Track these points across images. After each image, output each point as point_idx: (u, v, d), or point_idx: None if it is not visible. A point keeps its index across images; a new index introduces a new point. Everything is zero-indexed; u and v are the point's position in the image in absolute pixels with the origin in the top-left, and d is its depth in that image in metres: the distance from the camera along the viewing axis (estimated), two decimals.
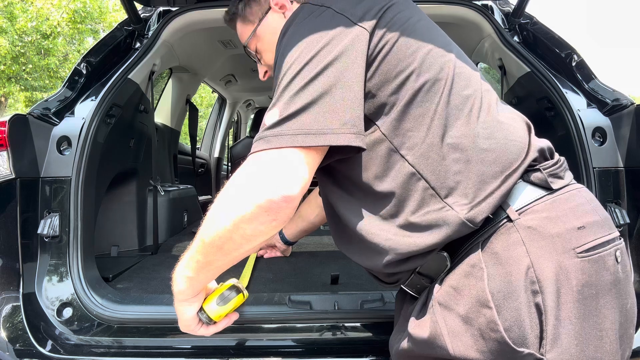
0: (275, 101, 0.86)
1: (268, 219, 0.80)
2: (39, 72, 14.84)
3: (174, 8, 2.21)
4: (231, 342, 1.47)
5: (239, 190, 0.82)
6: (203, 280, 1.00)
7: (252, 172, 0.82)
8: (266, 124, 0.84)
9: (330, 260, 2.21)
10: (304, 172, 0.81)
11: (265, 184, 0.79)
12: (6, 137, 1.55)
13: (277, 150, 0.80)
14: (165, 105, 3.38)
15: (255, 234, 0.83)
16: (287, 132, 0.80)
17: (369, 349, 1.44)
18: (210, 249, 0.88)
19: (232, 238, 0.84)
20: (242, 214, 0.80)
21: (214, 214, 0.86)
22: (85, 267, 1.63)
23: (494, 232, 0.86)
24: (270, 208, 0.79)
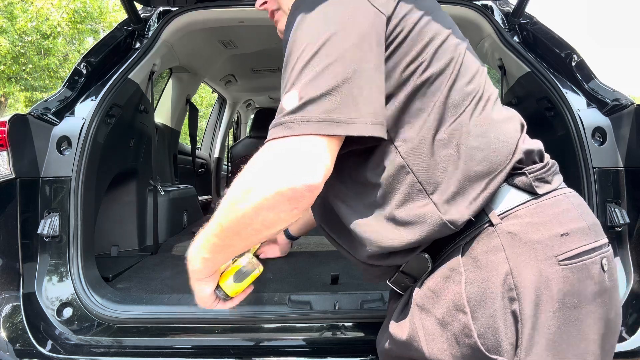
0: (292, 81, 0.80)
1: (290, 207, 0.78)
2: (39, 72, 14.84)
3: (174, 8, 2.21)
4: (231, 342, 1.47)
5: (259, 178, 0.78)
6: (219, 262, 0.98)
7: (273, 160, 0.78)
8: (285, 107, 0.79)
9: (330, 260, 2.21)
10: (327, 160, 0.78)
11: (288, 173, 0.76)
12: (6, 137, 1.55)
13: (299, 137, 0.76)
14: (165, 105, 3.38)
15: (276, 221, 0.81)
16: (311, 118, 0.76)
17: (369, 349, 1.44)
18: (228, 233, 0.85)
19: (252, 224, 0.81)
20: (264, 202, 0.77)
21: (233, 199, 0.82)
22: (85, 267, 1.63)
23: (475, 236, 0.85)
24: (293, 197, 0.76)
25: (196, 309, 1.54)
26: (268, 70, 4.18)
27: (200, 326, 1.51)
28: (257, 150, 0.83)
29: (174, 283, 1.89)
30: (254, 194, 0.78)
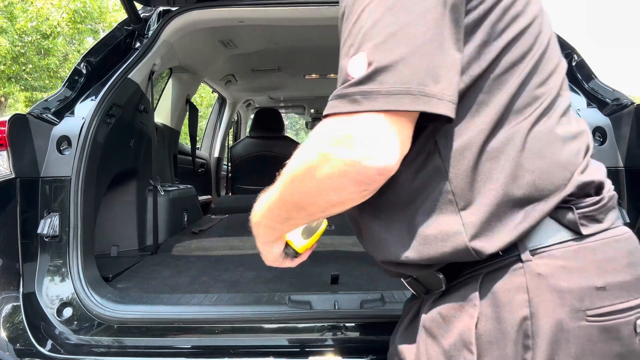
0: (359, 41, 0.68)
1: (359, 189, 0.69)
2: (39, 72, 14.83)
3: (174, 8, 2.21)
4: (231, 342, 1.47)
5: (324, 159, 0.68)
6: (285, 230, 0.93)
7: (338, 139, 0.66)
8: (351, 75, 0.67)
9: (330, 260, 2.21)
10: (404, 138, 0.67)
11: (357, 155, 0.65)
12: (6, 137, 1.55)
13: (369, 114, 0.65)
14: (165, 105, 3.38)
15: (343, 201, 0.73)
16: (381, 90, 0.64)
17: (369, 349, 1.44)
18: (292, 207, 0.78)
19: (317, 203, 0.74)
20: (329, 184, 0.69)
21: (294, 176, 0.73)
22: (85, 266, 1.63)
23: (498, 268, 0.74)
24: (363, 181, 0.68)
25: (196, 309, 1.54)
26: (268, 70, 4.18)
27: (200, 326, 1.51)
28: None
29: (174, 283, 1.89)
30: (317, 175, 0.69)
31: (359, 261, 2.19)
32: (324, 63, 4.13)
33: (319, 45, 3.44)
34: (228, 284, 1.86)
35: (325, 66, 4.25)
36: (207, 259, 2.27)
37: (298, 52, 3.70)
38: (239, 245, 2.47)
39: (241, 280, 1.92)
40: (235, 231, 2.75)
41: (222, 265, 2.15)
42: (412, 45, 0.65)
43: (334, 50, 3.10)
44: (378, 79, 0.65)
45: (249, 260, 2.23)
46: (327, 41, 3.30)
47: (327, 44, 3.42)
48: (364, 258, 2.25)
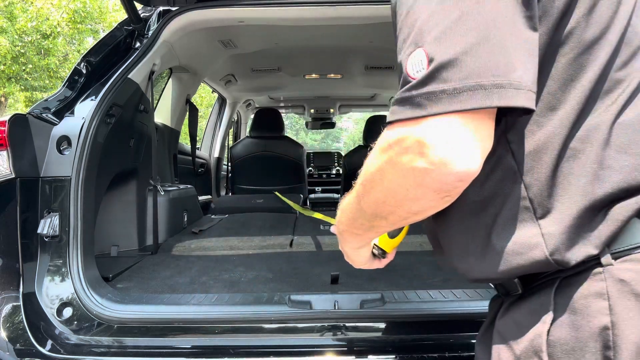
0: (415, 36, 0.61)
1: (439, 196, 0.64)
2: (39, 72, 14.83)
3: (174, 8, 2.21)
4: (231, 342, 1.47)
5: (395, 169, 0.63)
6: (372, 237, 0.88)
7: (408, 147, 0.60)
8: (411, 75, 0.60)
9: (330, 260, 2.21)
10: (483, 137, 0.60)
11: (431, 163, 0.59)
12: (6, 137, 1.55)
13: (438, 117, 0.58)
14: (165, 105, 3.38)
15: (425, 210, 0.68)
16: (450, 89, 0.57)
17: (369, 349, 1.44)
18: (373, 217, 0.74)
19: (396, 213, 0.69)
20: (405, 195, 0.64)
21: (367, 188, 0.70)
22: (85, 266, 1.63)
23: (576, 273, 0.67)
24: (441, 189, 0.62)
25: (196, 309, 1.54)
26: (268, 70, 4.18)
27: (200, 326, 1.51)
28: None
29: (174, 283, 1.89)
30: (393, 186, 0.65)
31: None
32: (324, 63, 4.13)
33: (319, 45, 3.44)
34: (228, 284, 1.86)
35: (325, 66, 4.25)
36: (207, 259, 2.27)
37: (298, 52, 3.70)
38: (239, 245, 2.47)
39: (241, 280, 1.92)
40: (235, 231, 2.75)
41: (222, 265, 2.15)
42: (478, 32, 0.57)
43: (334, 50, 3.11)
44: (442, 76, 0.57)
45: (249, 260, 2.23)
46: (327, 41, 3.31)
47: (327, 44, 3.42)
48: None
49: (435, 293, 1.63)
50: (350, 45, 3.45)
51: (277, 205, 3.77)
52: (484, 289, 1.68)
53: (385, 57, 3.83)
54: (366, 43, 3.34)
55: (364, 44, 3.39)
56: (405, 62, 0.61)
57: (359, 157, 4.79)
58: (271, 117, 4.77)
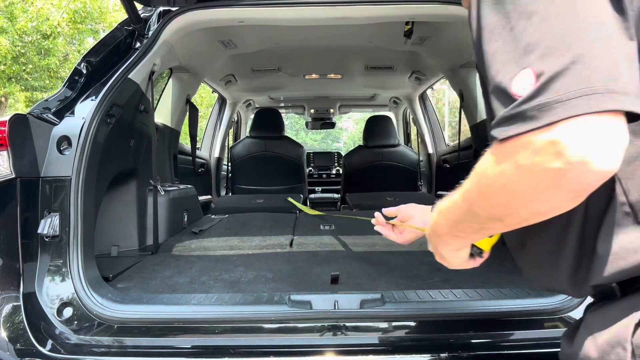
0: (517, 58, 0.62)
1: (571, 197, 0.63)
2: (39, 72, 14.83)
3: (174, 8, 2.21)
4: (231, 342, 1.47)
5: (528, 172, 0.62)
6: (478, 238, 0.90)
7: (540, 149, 0.60)
8: (517, 94, 0.61)
9: (330, 260, 2.22)
10: (620, 138, 0.60)
11: (570, 164, 0.59)
12: (6, 137, 1.55)
13: (574, 119, 0.58)
14: (165, 105, 3.38)
15: (550, 211, 0.67)
16: (564, 97, 0.58)
17: (369, 349, 1.44)
18: (486, 220, 0.74)
19: (518, 214, 0.69)
20: (534, 196, 0.64)
21: (486, 191, 0.70)
22: (86, 266, 1.63)
23: None
24: (579, 189, 0.62)
25: (196, 309, 1.55)
26: (268, 70, 4.18)
27: (200, 326, 1.51)
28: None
29: (174, 283, 1.89)
30: (520, 188, 0.64)
31: (359, 261, 2.19)
32: (324, 63, 4.13)
33: (319, 45, 3.44)
34: (228, 284, 1.86)
35: (325, 66, 4.26)
36: (207, 259, 2.27)
37: (298, 52, 3.71)
38: (239, 245, 2.47)
39: (241, 280, 1.92)
40: (235, 231, 2.75)
41: (222, 265, 2.15)
42: (583, 43, 0.59)
43: (334, 50, 3.12)
44: (553, 88, 0.58)
45: (249, 260, 2.23)
46: (327, 41, 3.31)
47: (327, 44, 3.42)
48: (364, 258, 2.25)
49: (435, 293, 1.63)
50: (350, 45, 3.45)
51: (277, 205, 3.77)
52: (484, 289, 1.68)
53: (385, 57, 3.83)
54: (366, 43, 3.35)
55: (364, 44, 3.39)
56: (510, 84, 0.62)
57: (359, 157, 4.79)
58: (271, 117, 4.78)
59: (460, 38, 2.82)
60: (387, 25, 2.74)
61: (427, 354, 1.41)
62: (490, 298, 1.58)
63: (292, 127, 23.70)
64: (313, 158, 6.96)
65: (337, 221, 3.06)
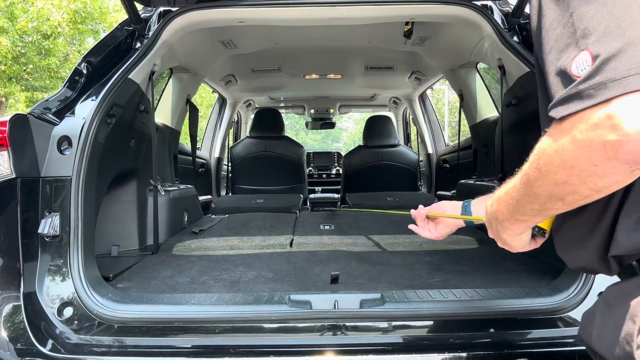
0: (575, 41, 0.67)
1: (629, 169, 0.66)
2: (40, 72, 14.83)
3: (174, 8, 2.21)
4: (231, 342, 1.47)
5: (586, 146, 0.66)
6: (539, 221, 0.91)
7: (597, 123, 0.64)
8: (576, 74, 0.65)
9: (330, 260, 2.22)
10: None
11: (627, 135, 0.62)
12: (7, 137, 1.55)
13: (623, 98, 0.62)
14: (166, 105, 3.39)
15: (610, 185, 0.70)
16: (619, 76, 0.62)
17: (368, 349, 1.44)
18: (546, 200, 0.77)
19: (578, 191, 0.72)
20: (593, 170, 0.67)
21: (546, 170, 0.73)
22: (86, 266, 1.63)
23: None
24: (638, 160, 0.64)
25: (196, 309, 1.55)
26: (268, 70, 4.18)
27: (200, 326, 1.51)
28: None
29: (174, 283, 1.89)
30: (579, 163, 0.67)
31: (359, 261, 2.19)
32: (324, 63, 4.13)
33: (319, 45, 3.45)
34: (228, 284, 1.87)
35: (325, 66, 4.26)
36: (207, 259, 2.27)
37: (298, 52, 3.71)
38: (239, 245, 2.47)
39: (241, 280, 1.92)
40: (236, 231, 2.75)
41: (222, 265, 2.15)
42: (637, 27, 0.63)
43: (334, 51, 3.11)
44: (608, 67, 0.62)
45: (249, 260, 2.23)
46: (327, 41, 3.31)
47: (327, 44, 3.43)
48: (364, 258, 2.25)
49: (435, 293, 1.63)
50: (350, 45, 3.46)
51: (277, 205, 3.77)
52: (484, 289, 1.68)
53: (385, 57, 3.83)
54: (366, 43, 3.35)
55: (363, 44, 3.40)
56: (569, 66, 0.67)
57: (359, 157, 4.80)
58: (271, 117, 4.78)
59: (460, 38, 2.83)
60: (387, 26, 2.74)
61: (427, 353, 1.41)
62: (490, 298, 1.59)
63: (292, 127, 23.70)
64: (313, 158, 6.96)
65: (337, 221, 3.06)
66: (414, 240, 2.47)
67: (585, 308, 1.52)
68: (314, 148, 17.64)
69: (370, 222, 2.98)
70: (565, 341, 1.46)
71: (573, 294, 1.53)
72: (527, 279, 1.84)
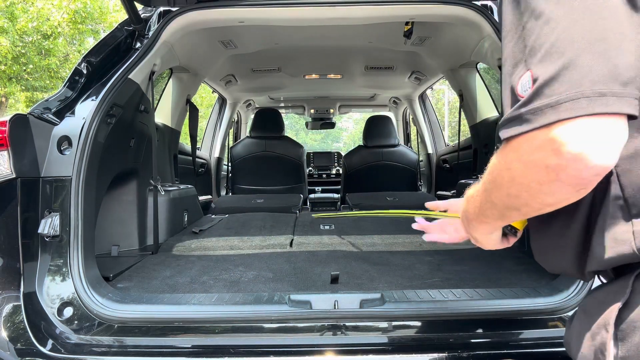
0: (524, 59, 0.67)
1: (574, 190, 0.67)
2: (40, 72, 14.83)
3: (174, 8, 2.21)
4: (231, 342, 1.47)
5: (531, 167, 0.67)
6: (503, 224, 0.95)
7: (540, 146, 0.64)
8: (520, 94, 0.67)
9: (330, 260, 2.22)
10: (616, 136, 0.63)
11: (567, 160, 0.63)
12: (7, 137, 1.55)
13: (572, 121, 0.61)
14: (166, 105, 3.39)
15: (559, 202, 0.71)
16: (553, 101, 0.62)
17: (368, 349, 1.44)
18: (504, 209, 0.79)
19: (530, 205, 0.73)
20: (539, 189, 0.68)
21: (498, 184, 0.75)
22: (86, 266, 1.63)
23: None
24: (579, 184, 0.66)
25: (196, 309, 1.55)
26: (268, 70, 4.18)
27: (200, 326, 1.51)
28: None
29: (174, 283, 1.89)
30: (526, 181, 0.69)
31: (359, 261, 2.19)
32: (324, 63, 4.13)
33: (319, 45, 3.45)
34: (228, 284, 1.87)
35: (325, 66, 4.26)
36: (207, 259, 2.27)
37: (298, 52, 3.71)
38: (239, 245, 2.47)
39: (241, 280, 1.92)
40: (235, 231, 2.75)
41: (222, 265, 2.15)
42: (580, 46, 0.62)
43: (334, 51, 3.11)
44: (545, 92, 0.63)
45: (249, 260, 2.23)
46: (327, 41, 3.31)
47: (327, 44, 3.43)
48: (364, 258, 2.25)
49: (435, 293, 1.63)
50: (350, 45, 3.46)
51: (277, 205, 3.77)
52: (484, 289, 1.68)
53: (385, 57, 3.83)
54: (366, 43, 3.35)
55: (363, 44, 3.40)
56: (516, 85, 0.68)
57: (359, 157, 4.80)
58: (271, 117, 4.78)
59: (460, 38, 2.83)
60: (387, 26, 2.74)
61: (426, 353, 1.42)
62: (490, 298, 1.59)
63: (292, 127, 23.70)
64: (313, 158, 6.96)
65: (337, 221, 3.06)
66: (414, 240, 2.47)
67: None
68: (314, 148, 17.65)
69: (370, 222, 2.98)
70: None
71: (573, 294, 1.53)
72: (527, 279, 1.84)
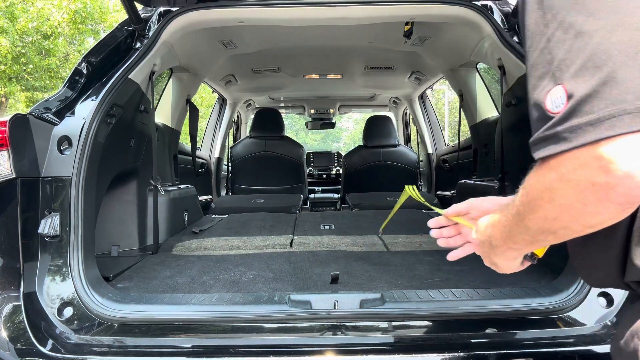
0: (552, 72, 0.64)
1: (621, 208, 0.65)
2: (40, 72, 14.84)
3: (175, 8, 2.21)
4: (231, 342, 1.47)
5: (574, 186, 0.64)
6: (532, 249, 0.93)
7: (585, 163, 0.62)
8: (551, 110, 0.64)
9: (330, 260, 2.22)
10: None
11: (617, 178, 0.60)
12: (7, 137, 1.55)
13: (615, 140, 0.59)
14: (166, 105, 3.39)
15: (603, 222, 0.69)
16: (594, 119, 0.60)
17: (368, 349, 1.44)
18: (538, 233, 0.76)
19: (570, 227, 0.70)
20: (584, 210, 0.65)
21: (537, 205, 0.71)
22: (86, 266, 1.63)
23: None
24: (628, 202, 0.63)
25: (196, 309, 1.55)
26: (268, 70, 4.18)
27: (200, 326, 1.51)
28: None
29: (174, 283, 1.89)
30: (568, 202, 0.66)
31: (359, 261, 2.19)
32: (324, 63, 4.13)
33: (319, 45, 3.45)
34: (228, 284, 1.87)
35: (325, 66, 4.26)
36: (207, 259, 2.27)
37: (298, 52, 3.71)
38: (239, 245, 2.47)
39: (241, 280, 1.92)
40: (235, 231, 2.75)
41: (222, 265, 2.15)
42: (617, 60, 0.59)
43: (334, 50, 3.11)
44: (582, 110, 0.60)
45: (249, 260, 2.23)
46: (327, 41, 3.31)
47: (327, 44, 3.43)
48: (364, 258, 2.25)
49: (435, 293, 1.63)
50: (350, 45, 3.46)
51: (277, 205, 3.77)
52: (484, 289, 1.68)
53: (385, 57, 3.83)
54: (366, 43, 3.35)
55: (363, 44, 3.40)
56: (544, 99, 0.65)
57: (359, 157, 4.80)
58: (271, 117, 4.78)
59: (460, 38, 2.83)
60: (387, 26, 2.74)
61: (427, 353, 1.42)
62: (490, 298, 1.59)
63: (292, 127, 23.70)
64: (313, 158, 6.96)
65: (337, 221, 3.06)
66: (414, 240, 2.47)
67: (585, 308, 1.53)
68: (314, 148, 17.64)
69: (370, 222, 2.98)
70: (565, 341, 1.46)
71: (573, 294, 1.53)
72: (527, 278, 1.84)
